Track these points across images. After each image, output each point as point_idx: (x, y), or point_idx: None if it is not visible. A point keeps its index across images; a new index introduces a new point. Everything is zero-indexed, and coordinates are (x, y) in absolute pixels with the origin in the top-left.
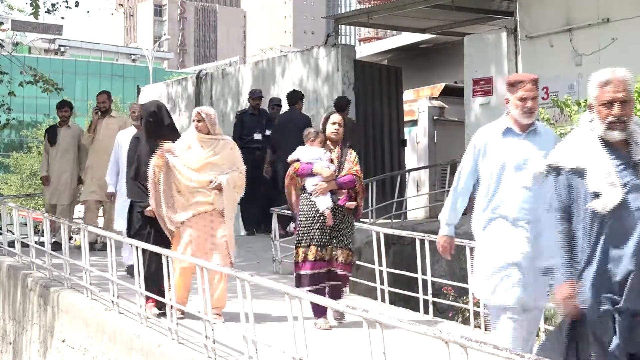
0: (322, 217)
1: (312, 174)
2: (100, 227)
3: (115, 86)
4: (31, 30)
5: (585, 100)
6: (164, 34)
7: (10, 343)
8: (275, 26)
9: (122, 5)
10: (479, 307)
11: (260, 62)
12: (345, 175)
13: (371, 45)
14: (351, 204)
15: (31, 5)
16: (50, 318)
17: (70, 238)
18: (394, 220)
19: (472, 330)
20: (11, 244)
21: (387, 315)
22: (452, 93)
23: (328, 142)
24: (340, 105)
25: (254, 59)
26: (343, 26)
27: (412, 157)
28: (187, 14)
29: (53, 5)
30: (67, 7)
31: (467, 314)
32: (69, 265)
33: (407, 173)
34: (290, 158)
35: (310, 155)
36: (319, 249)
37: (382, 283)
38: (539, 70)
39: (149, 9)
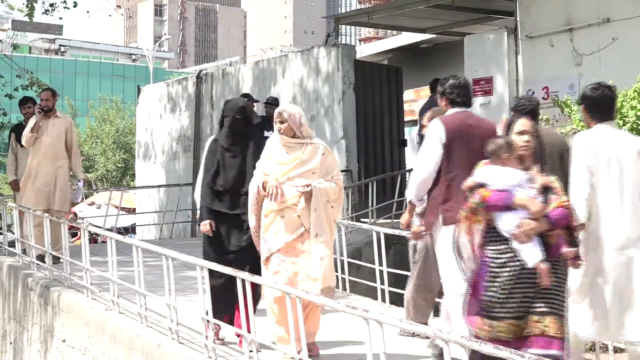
0: (528, 275)
1: (509, 208)
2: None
3: (116, 86)
4: (31, 30)
5: None
6: (164, 34)
7: (11, 343)
8: (275, 26)
9: (120, 6)
10: None
11: (261, 62)
12: (555, 208)
13: (371, 45)
14: (570, 251)
15: (27, 6)
16: (51, 318)
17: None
18: (394, 220)
19: None
20: (11, 244)
21: (387, 315)
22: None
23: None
24: (532, 109)
25: (254, 59)
26: (343, 26)
27: (412, 157)
28: (187, 14)
29: (51, 5)
30: (65, 7)
31: None
32: (69, 265)
33: (407, 173)
34: (470, 181)
35: (507, 180)
36: (515, 321)
37: (382, 283)
38: (539, 70)
39: (149, 8)
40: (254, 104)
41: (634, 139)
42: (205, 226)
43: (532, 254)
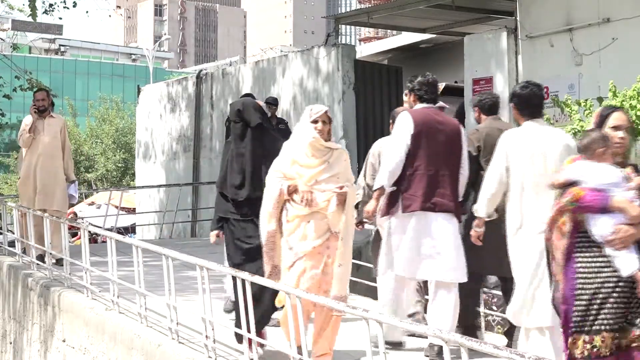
0: (624, 284)
1: (605, 210)
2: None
3: (116, 86)
4: (31, 30)
5: (586, 100)
6: (164, 34)
7: (11, 343)
8: (275, 26)
9: (119, 7)
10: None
11: (261, 62)
12: None
13: (371, 45)
14: None
15: (29, 6)
16: (51, 318)
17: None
18: None
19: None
20: (11, 243)
21: (387, 315)
22: (453, 93)
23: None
24: (493, 103)
25: (254, 59)
26: (343, 26)
27: None
28: (187, 14)
29: (51, 5)
30: (64, 7)
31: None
32: (69, 265)
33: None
34: (561, 178)
35: (602, 178)
36: (615, 334)
37: None
38: (539, 70)
39: (149, 8)
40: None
41: (560, 135)
42: (213, 237)
43: (628, 262)
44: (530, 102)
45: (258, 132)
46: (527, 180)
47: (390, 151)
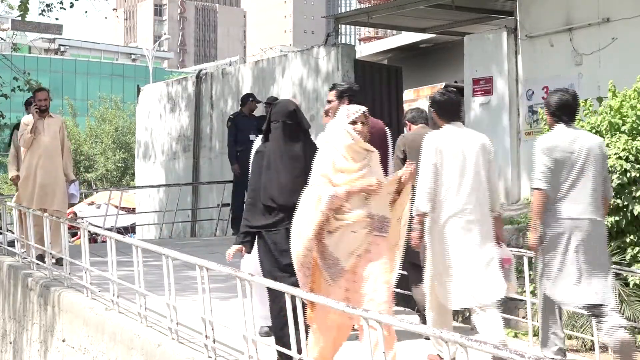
0: None
1: None
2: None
3: (115, 86)
4: (31, 30)
5: (586, 100)
6: (164, 34)
7: (11, 342)
8: (275, 26)
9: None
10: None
11: (260, 62)
12: None
13: (371, 45)
14: None
15: (19, 8)
16: (51, 318)
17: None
18: None
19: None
20: (11, 243)
21: (387, 315)
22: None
23: None
24: (425, 118)
25: (254, 59)
26: (343, 26)
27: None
28: (187, 14)
29: (48, 5)
30: (61, 7)
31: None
32: (69, 265)
33: None
34: None
35: None
36: None
37: None
38: (538, 70)
39: (149, 8)
40: (257, 104)
41: (476, 136)
42: (232, 251)
43: None
44: (448, 108)
45: (309, 133)
46: (448, 177)
47: None
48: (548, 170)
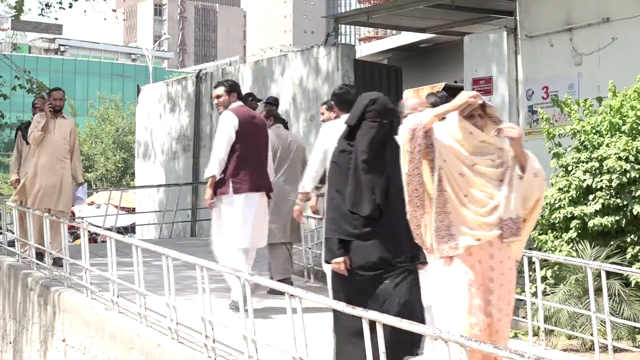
0: None
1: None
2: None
3: (115, 86)
4: (31, 30)
5: (586, 99)
6: (164, 34)
7: (11, 342)
8: (275, 26)
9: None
10: None
11: (260, 62)
12: None
13: (371, 45)
14: None
15: (14, 7)
16: (51, 317)
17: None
18: None
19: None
20: (11, 243)
21: (386, 314)
22: (452, 92)
23: None
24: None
25: (253, 59)
26: (343, 26)
27: None
28: (187, 14)
29: (47, 5)
30: (60, 7)
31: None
32: (69, 265)
33: None
34: None
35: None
36: None
37: None
38: (538, 69)
39: (148, 8)
40: (257, 103)
41: None
42: (340, 265)
43: None
44: (345, 100)
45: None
46: None
47: (218, 145)
48: None
